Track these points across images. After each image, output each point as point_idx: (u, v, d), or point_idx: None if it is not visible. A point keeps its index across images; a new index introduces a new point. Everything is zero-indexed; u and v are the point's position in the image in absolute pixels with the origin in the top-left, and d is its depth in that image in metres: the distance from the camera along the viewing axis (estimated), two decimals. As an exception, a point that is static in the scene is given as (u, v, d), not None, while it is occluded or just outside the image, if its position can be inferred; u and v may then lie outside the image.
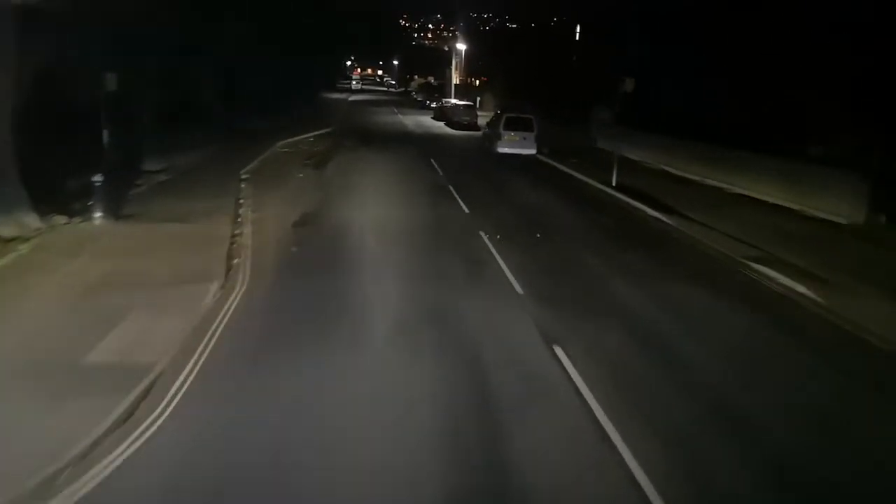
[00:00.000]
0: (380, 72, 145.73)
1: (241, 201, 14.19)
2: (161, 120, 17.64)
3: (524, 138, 22.84)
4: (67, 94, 11.72)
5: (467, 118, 33.37)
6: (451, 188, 16.84)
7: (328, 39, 46.07)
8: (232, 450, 4.91)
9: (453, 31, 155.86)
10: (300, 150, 22.68)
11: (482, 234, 11.56)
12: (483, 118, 31.71)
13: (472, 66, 49.83)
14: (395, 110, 47.32)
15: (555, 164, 22.47)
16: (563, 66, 37.02)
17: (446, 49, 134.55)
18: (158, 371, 5.87)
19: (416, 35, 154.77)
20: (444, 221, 13.12)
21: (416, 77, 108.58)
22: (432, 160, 21.31)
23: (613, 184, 17.28)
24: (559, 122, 30.12)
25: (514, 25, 54.41)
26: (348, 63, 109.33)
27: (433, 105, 48.62)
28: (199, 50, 21.27)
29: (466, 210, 14.31)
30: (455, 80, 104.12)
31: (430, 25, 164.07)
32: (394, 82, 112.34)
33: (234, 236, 10.50)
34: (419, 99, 63.66)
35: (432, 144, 25.49)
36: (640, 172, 20.02)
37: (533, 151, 22.93)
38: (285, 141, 23.87)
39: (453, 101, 39.42)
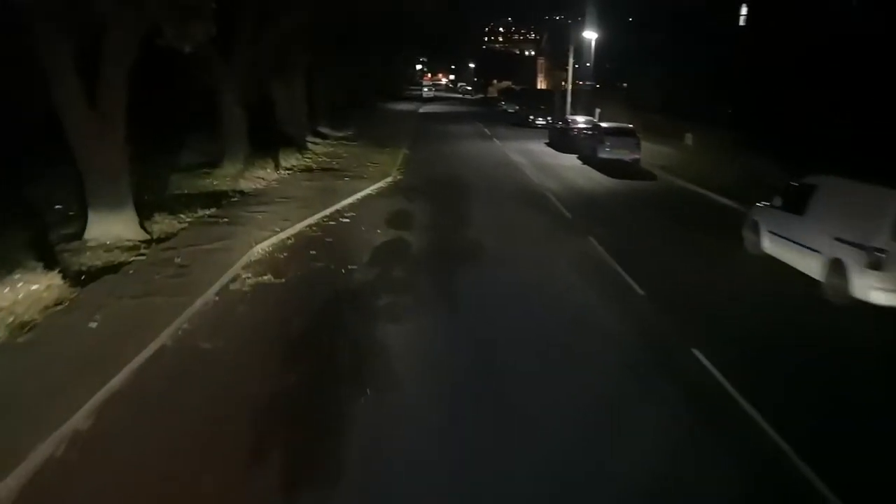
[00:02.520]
0: (451, 77, 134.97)
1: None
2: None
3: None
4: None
5: (627, 154, 20.85)
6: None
7: (397, 42, 35.19)
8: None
9: (525, 34, 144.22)
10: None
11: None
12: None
13: (598, 65, 36.65)
14: (486, 130, 34.97)
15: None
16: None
17: (527, 53, 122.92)
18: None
19: (485, 39, 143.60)
20: None
21: (494, 82, 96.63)
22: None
23: None
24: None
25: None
26: (418, 68, 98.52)
27: (538, 122, 36.16)
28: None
29: None
30: (541, 84, 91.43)
31: (500, 28, 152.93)
32: (469, 88, 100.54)
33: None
34: (510, 111, 51.20)
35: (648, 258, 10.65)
36: None
37: None
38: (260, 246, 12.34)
39: (580, 119, 26.78)
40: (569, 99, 34.26)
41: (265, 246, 10.19)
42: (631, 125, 22.01)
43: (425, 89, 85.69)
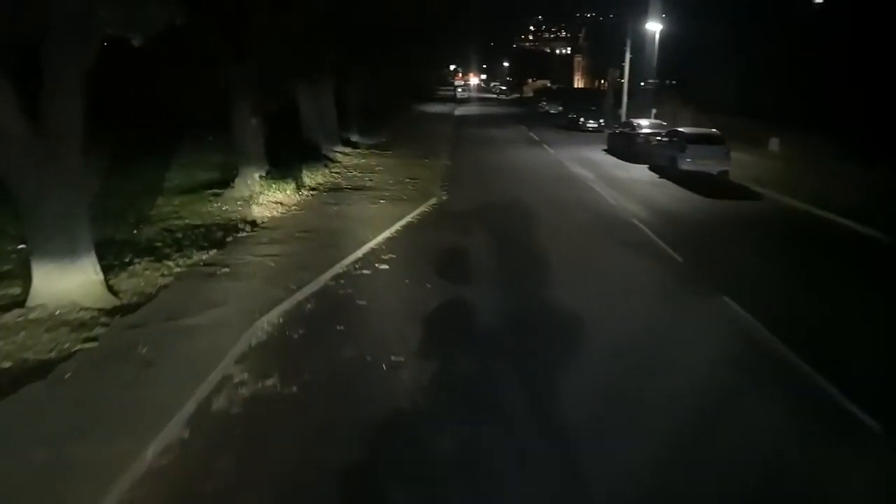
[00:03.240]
0: (483, 76, 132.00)
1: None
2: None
3: None
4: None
5: (714, 165, 17.46)
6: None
7: (432, 40, 32.55)
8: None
9: (556, 33, 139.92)
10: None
11: None
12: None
13: (666, 57, 33.01)
14: (532, 134, 31.70)
15: None
16: None
17: (559, 51, 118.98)
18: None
19: (516, 37, 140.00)
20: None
21: (529, 81, 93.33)
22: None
23: None
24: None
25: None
26: (451, 67, 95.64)
27: (589, 125, 32.78)
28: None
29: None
30: (579, 83, 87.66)
31: (531, 27, 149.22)
32: (504, 88, 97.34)
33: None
34: (553, 112, 47.79)
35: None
36: None
37: None
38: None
39: (645, 122, 23.30)
40: (625, 99, 30.83)
41: (274, 316, 7.24)
42: (717, 131, 18.53)
43: (459, 89, 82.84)
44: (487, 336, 7.05)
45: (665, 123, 23.56)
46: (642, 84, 27.96)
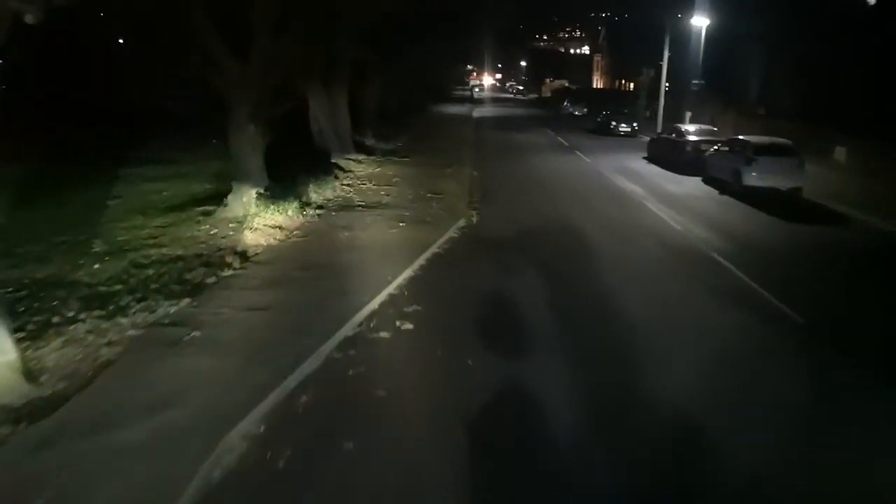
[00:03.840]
0: (498, 76, 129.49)
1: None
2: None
3: None
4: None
5: (786, 181, 14.98)
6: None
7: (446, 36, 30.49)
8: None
9: (571, 32, 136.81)
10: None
11: None
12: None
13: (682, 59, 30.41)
14: (560, 139, 29.26)
15: None
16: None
17: (574, 51, 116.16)
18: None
19: (531, 37, 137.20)
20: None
21: (546, 81, 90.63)
22: None
23: None
24: None
25: None
26: (468, 67, 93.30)
27: (621, 129, 30.36)
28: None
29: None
30: (598, 83, 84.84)
31: (546, 27, 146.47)
32: (521, 88, 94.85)
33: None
34: (577, 114, 45.31)
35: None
36: None
37: None
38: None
39: (692, 128, 20.80)
40: (661, 102, 28.33)
41: (253, 424, 4.98)
42: (789, 141, 16.03)
43: (476, 89, 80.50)
44: (558, 452, 4.74)
45: (716, 129, 21.09)
46: (694, 82, 25.47)
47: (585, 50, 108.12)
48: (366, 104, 24.92)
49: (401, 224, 11.66)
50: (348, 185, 15.53)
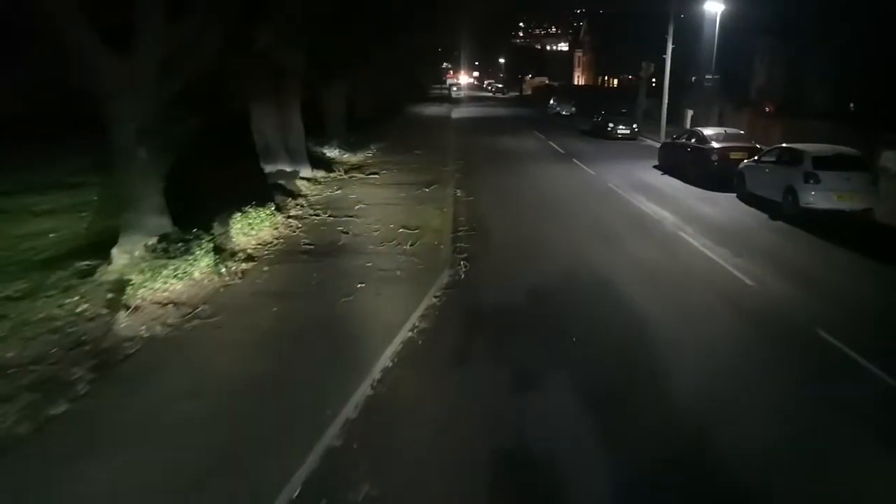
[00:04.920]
0: (476, 74, 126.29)
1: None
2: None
3: None
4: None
5: (855, 201, 11.79)
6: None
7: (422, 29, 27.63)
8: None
9: (547, 29, 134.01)
10: None
11: None
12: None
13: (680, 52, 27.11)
14: (553, 144, 25.76)
15: None
16: None
17: (550, 48, 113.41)
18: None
19: (506, 35, 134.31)
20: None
21: (526, 78, 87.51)
22: None
23: None
24: None
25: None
26: (445, 66, 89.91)
27: (619, 131, 27.13)
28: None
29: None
30: (580, 80, 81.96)
31: (521, 24, 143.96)
32: (500, 86, 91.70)
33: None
34: (564, 113, 42.08)
35: None
36: None
37: None
38: None
39: (709, 132, 17.48)
40: (665, 100, 25.10)
41: None
42: (856, 151, 12.77)
43: (454, 88, 77.06)
44: None
45: (743, 132, 17.85)
46: (708, 77, 22.43)
47: (563, 46, 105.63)
48: (332, 110, 21.39)
49: (359, 285, 8.19)
50: (295, 216, 12.00)
